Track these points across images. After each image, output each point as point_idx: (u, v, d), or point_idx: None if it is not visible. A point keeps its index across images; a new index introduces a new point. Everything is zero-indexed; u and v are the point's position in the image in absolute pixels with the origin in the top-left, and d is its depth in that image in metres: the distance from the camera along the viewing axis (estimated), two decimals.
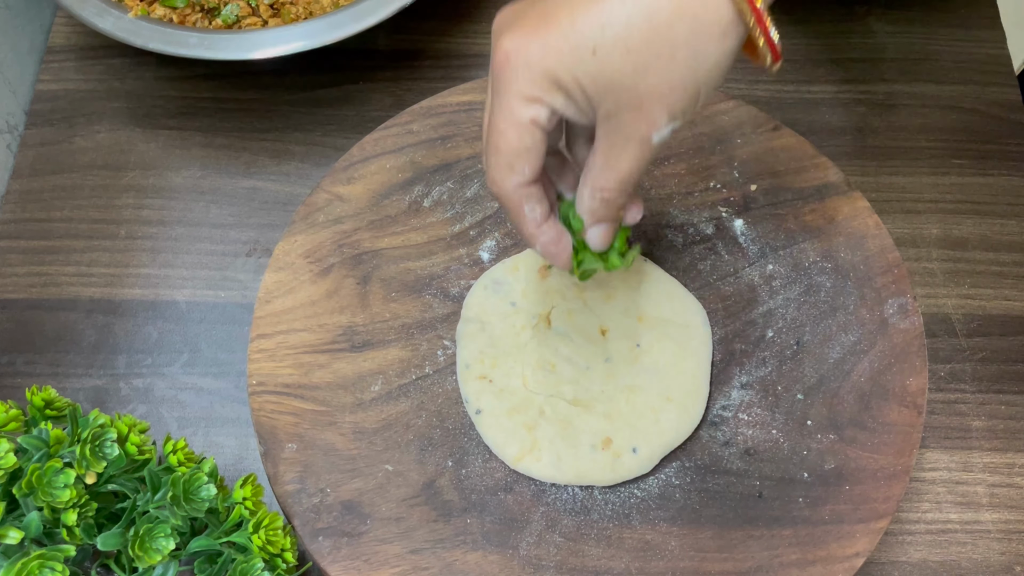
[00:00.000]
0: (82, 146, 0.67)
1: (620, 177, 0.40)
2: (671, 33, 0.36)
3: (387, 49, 0.71)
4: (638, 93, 0.37)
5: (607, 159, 0.40)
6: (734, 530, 0.49)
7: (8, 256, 0.63)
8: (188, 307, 0.62)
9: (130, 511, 0.43)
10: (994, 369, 0.59)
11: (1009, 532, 0.55)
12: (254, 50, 0.60)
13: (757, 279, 0.55)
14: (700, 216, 0.57)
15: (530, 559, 0.48)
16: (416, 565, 0.48)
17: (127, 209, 0.65)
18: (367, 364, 0.53)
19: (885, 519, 0.48)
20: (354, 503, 0.50)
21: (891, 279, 0.54)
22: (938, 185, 0.65)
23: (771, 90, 0.69)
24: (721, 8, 0.36)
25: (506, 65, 0.38)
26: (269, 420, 0.51)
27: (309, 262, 0.56)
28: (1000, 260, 0.63)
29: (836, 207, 0.56)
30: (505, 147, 0.39)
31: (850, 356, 0.53)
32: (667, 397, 0.51)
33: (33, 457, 0.42)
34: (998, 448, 0.57)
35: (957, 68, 0.70)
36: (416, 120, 0.60)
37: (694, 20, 0.36)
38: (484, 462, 0.51)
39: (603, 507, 0.50)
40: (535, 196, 0.42)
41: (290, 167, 0.66)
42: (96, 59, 0.71)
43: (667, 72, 0.37)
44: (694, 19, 0.36)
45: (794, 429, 0.51)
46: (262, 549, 0.43)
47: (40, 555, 0.40)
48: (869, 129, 0.67)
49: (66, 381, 0.59)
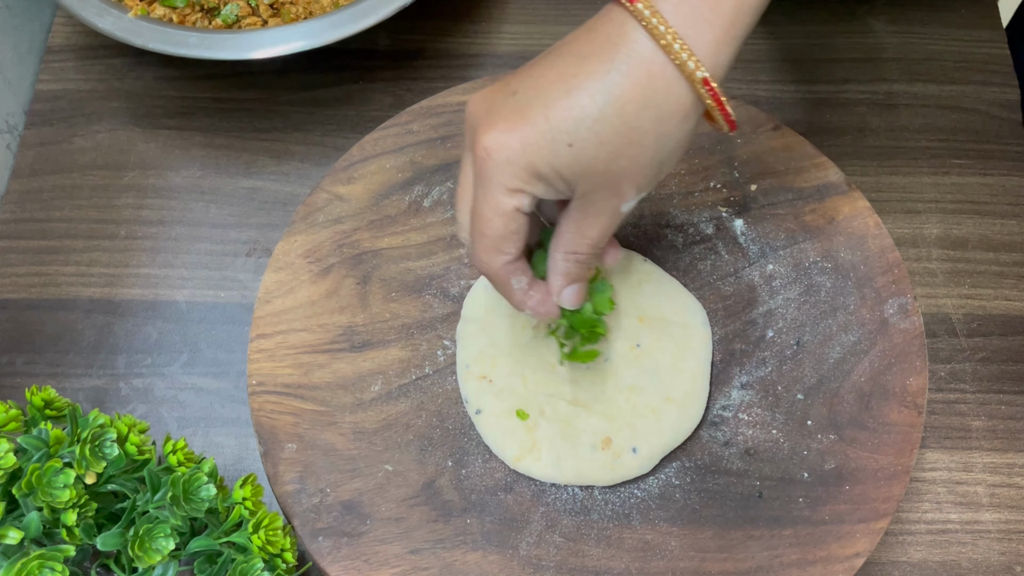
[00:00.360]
0: (82, 146, 0.67)
1: (591, 243, 0.43)
2: (638, 122, 0.39)
3: (387, 49, 0.71)
4: (610, 176, 0.40)
5: (580, 227, 0.43)
6: (734, 530, 0.49)
7: (8, 256, 0.63)
8: (188, 307, 0.62)
9: (130, 511, 0.43)
10: (994, 369, 0.59)
11: (1009, 532, 0.55)
12: (254, 50, 0.60)
13: (757, 279, 0.55)
14: (700, 216, 0.57)
15: (530, 559, 0.48)
16: (416, 565, 0.48)
17: (127, 209, 0.65)
18: (367, 364, 0.53)
19: (885, 519, 0.48)
20: (354, 503, 0.50)
21: (891, 279, 0.54)
22: (938, 185, 0.65)
23: (771, 90, 0.69)
24: (682, 96, 0.39)
25: (488, 160, 0.40)
26: (269, 420, 0.51)
27: (309, 262, 0.56)
28: (1000, 260, 0.63)
29: (836, 207, 0.56)
30: (492, 233, 0.42)
31: (850, 356, 0.53)
32: (667, 397, 0.51)
33: (33, 457, 0.42)
34: (998, 448, 0.57)
35: (957, 68, 0.70)
36: (416, 120, 0.60)
37: (659, 109, 0.39)
38: (484, 462, 0.51)
39: (603, 507, 0.50)
40: (520, 269, 0.45)
41: (290, 167, 0.66)
42: (96, 59, 0.71)
43: (636, 156, 0.40)
44: (658, 108, 0.39)
45: (794, 429, 0.51)
46: (262, 549, 0.43)
47: (40, 555, 0.40)
48: (869, 129, 0.67)
49: (66, 381, 0.59)
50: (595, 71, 0.39)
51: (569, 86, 0.39)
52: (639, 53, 0.38)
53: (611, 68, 0.38)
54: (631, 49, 0.38)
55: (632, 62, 0.38)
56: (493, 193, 0.41)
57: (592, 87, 0.38)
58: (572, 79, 0.39)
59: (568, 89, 0.39)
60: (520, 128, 0.39)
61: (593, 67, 0.39)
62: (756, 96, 0.68)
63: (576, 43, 0.40)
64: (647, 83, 0.38)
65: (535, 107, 0.39)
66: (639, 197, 0.42)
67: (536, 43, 0.71)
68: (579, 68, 0.39)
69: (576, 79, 0.39)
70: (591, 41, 0.39)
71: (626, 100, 0.38)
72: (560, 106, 0.39)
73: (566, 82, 0.39)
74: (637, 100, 0.38)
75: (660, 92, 0.38)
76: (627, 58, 0.38)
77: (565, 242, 0.44)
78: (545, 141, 0.39)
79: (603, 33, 0.39)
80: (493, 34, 0.72)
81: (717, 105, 0.39)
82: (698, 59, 0.38)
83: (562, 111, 0.39)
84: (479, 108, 0.42)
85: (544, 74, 0.40)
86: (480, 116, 0.41)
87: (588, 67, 0.39)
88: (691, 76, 0.38)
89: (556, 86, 0.39)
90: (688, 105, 0.39)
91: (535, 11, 0.73)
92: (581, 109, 0.38)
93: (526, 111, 0.39)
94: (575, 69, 0.39)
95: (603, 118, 0.38)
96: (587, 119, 0.38)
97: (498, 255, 0.43)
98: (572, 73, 0.39)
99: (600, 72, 0.38)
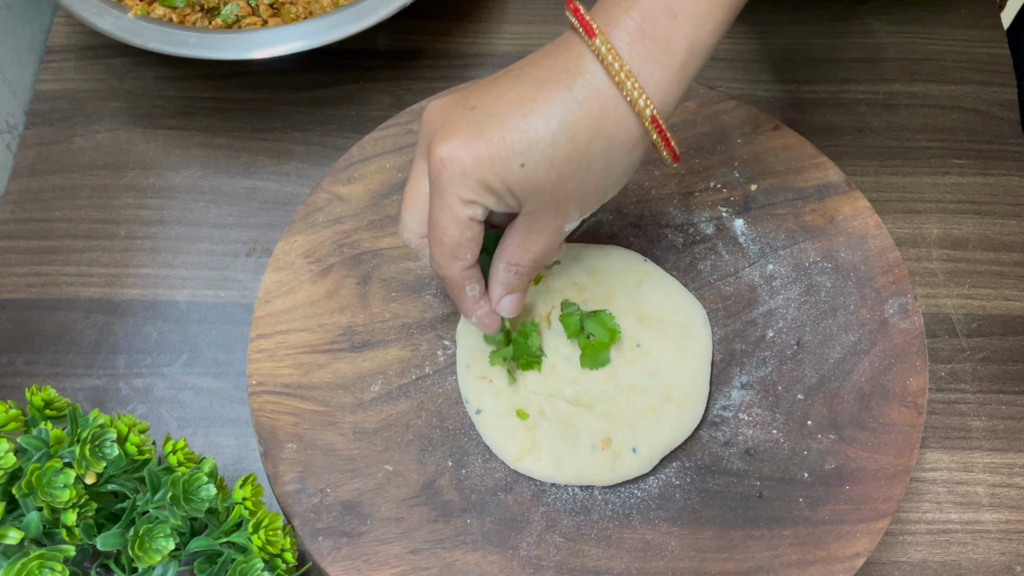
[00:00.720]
0: (82, 146, 0.67)
1: (533, 257, 0.46)
2: (588, 150, 0.41)
3: (387, 49, 0.71)
4: (558, 197, 0.43)
5: (524, 241, 0.45)
6: (734, 530, 0.49)
7: (8, 256, 0.63)
8: (188, 307, 0.62)
9: (130, 511, 0.43)
10: (994, 369, 0.59)
11: (1009, 532, 0.55)
12: (254, 50, 0.60)
13: (757, 279, 0.55)
14: (700, 216, 0.57)
15: (530, 559, 0.48)
16: (416, 565, 0.48)
17: (127, 209, 0.65)
18: (367, 364, 0.53)
19: (885, 519, 0.48)
20: (354, 503, 0.50)
21: (891, 279, 0.54)
22: (938, 185, 0.65)
23: (771, 90, 0.69)
24: (631, 129, 0.41)
25: (442, 171, 0.42)
26: (269, 420, 0.51)
27: (309, 262, 0.56)
28: (1000, 260, 0.63)
29: (836, 207, 0.56)
30: (448, 240, 0.44)
31: (850, 356, 0.53)
32: (667, 397, 0.51)
33: (33, 457, 0.42)
34: (998, 448, 0.57)
35: (957, 68, 0.70)
36: (416, 120, 0.60)
37: (608, 139, 0.41)
38: (484, 462, 0.51)
39: (603, 507, 0.50)
40: (475, 277, 0.47)
41: (290, 167, 0.66)
42: (96, 59, 0.71)
43: (583, 181, 0.42)
44: (609, 139, 0.41)
45: (794, 429, 0.51)
46: (262, 549, 0.43)
47: (40, 555, 0.40)
48: (869, 129, 0.67)
49: (66, 381, 0.59)
50: (552, 97, 0.40)
51: (526, 109, 0.41)
52: (594, 85, 0.40)
53: (567, 96, 0.40)
54: (587, 80, 0.40)
55: (587, 92, 0.40)
56: (448, 202, 0.42)
57: (548, 112, 0.40)
58: (530, 103, 0.41)
59: (525, 112, 0.41)
60: (475, 143, 0.41)
61: (550, 93, 0.41)
62: (756, 96, 0.68)
63: (535, 67, 0.42)
64: (600, 114, 0.40)
65: (492, 125, 0.41)
66: (581, 219, 0.45)
67: (536, 43, 0.71)
68: (537, 93, 0.41)
69: (534, 103, 0.41)
70: (551, 67, 0.41)
71: (579, 128, 0.40)
72: (516, 127, 0.41)
73: (523, 105, 0.41)
74: (589, 129, 0.40)
75: (611, 123, 0.41)
76: (583, 88, 0.40)
77: (508, 254, 0.46)
78: (499, 159, 0.41)
79: (562, 61, 0.41)
80: (493, 34, 0.72)
81: (663, 141, 0.42)
82: (647, 97, 0.40)
83: (518, 132, 0.40)
84: (436, 116, 0.44)
85: (504, 94, 0.42)
86: (436, 125, 0.43)
87: (545, 92, 0.41)
88: (641, 113, 0.40)
89: (514, 107, 0.41)
90: (636, 138, 0.41)
91: (535, 11, 0.73)
92: (536, 132, 0.40)
93: (483, 127, 0.41)
94: (533, 93, 0.41)
95: (556, 143, 0.40)
96: (540, 142, 0.40)
97: (455, 261, 0.45)
98: (530, 97, 0.41)
99: (557, 99, 0.40)
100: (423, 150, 0.44)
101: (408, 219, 0.47)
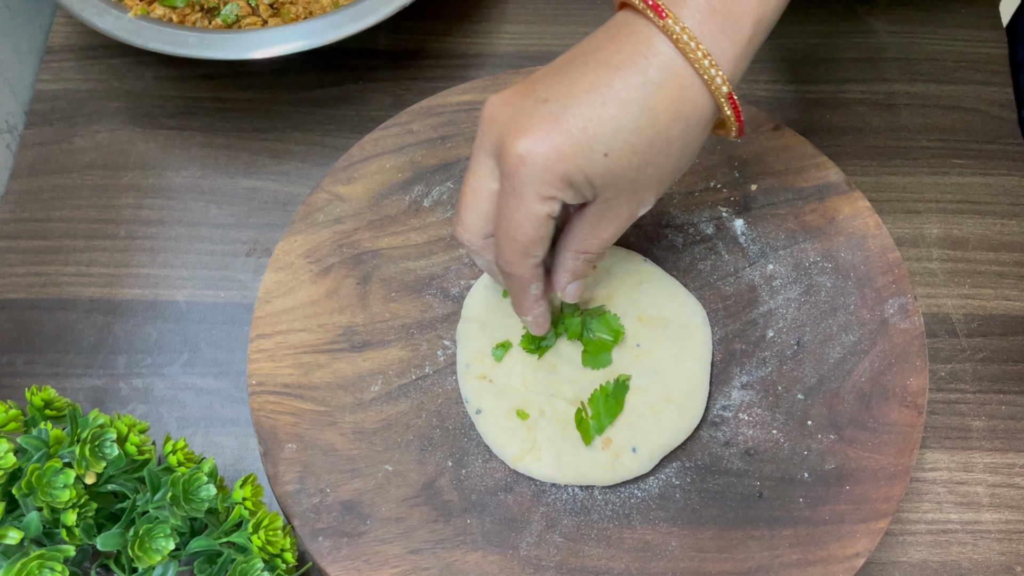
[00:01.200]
0: (82, 146, 0.67)
1: (602, 243, 0.45)
2: (668, 132, 0.41)
3: (387, 49, 0.71)
4: (637, 183, 0.42)
5: (595, 229, 0.44)
6: (734, 530, 0.49)
7: (8, 256, 0.63)
8: (188, 307, 0.62)
9: (130, 511, 0.43)
10: (994, 369, 0.59)
11: (1009, 532, 0.55)
12: (254, 50, 0.60)
13: (757, 279, 0.55)
14: (700, 216, 0.57)
15: (530, 559, 0.48)
16: (416, 565, 0.48)
17: (127, 209, 0.65)
18: (367, 364, 0.53)
19: (885, 519, 0.48)
20: (354, 503, 0.50)
21: (891, 279, 0.54)
22: (938, 185, 0.65)
23: (771, 90, 0.69)
24: (706, 106, 0.41)
25: (521, 167, 0.41)
26: (269, 420, 0.51)
27: (309, 262, 0.56)
28: (1000, 260, 0.63)
29: (836, 207, 0.56)
30: (523, 238, 0.43)
31: (850, 356, 0.53)
32: (667, 397, 0.51)
33: (33, 457, 0.42)
34: (998, 448, 0.57)
35: (957, 68, 0.70)
36: (416, 120, 0.60)
37: (687, 120, 0.41)
38: (484, 462, 0.51)
39: (603, 507, 0.50)
40: (540, 275, 0.46)
41: (290, 167, 0.66)
42: (96, 59, 0.71)
43: (663, 164, 0.42)
44: (687, 119, 0.41)
45: (794, 429, 0.51)
46: (262, 549, 0.43)
47: (40, 555, 0.40)
48: (869, 129, 0.67)
49: (66, 381, 0.59)
50: (629, 83, 0.40)
51: (605, 97, 0.40)
52: (668, 66, 0.40)
53: (645, 80, 0.40)
54: (661, 62, 0.40)
55: (664, 75, 0.40)
56: (526, 200, 0.41)
57: (628, 98, 0.40)
58: (607, 89, 0.40)
59: (604, 100, 0.40)
60: (554, 136, 0.40)
61: (626, 78, 0.40)
62: (756, 96, 0.68)
63: (602, 52, 0.41)
64: (678, 95, 0.40)
65: (569, 116, 0.40)
66: (654, 203, 0.45)
67: (536, 43, 0.71)
68: (612, 79, 0.40)
69: (611, 90, 0.40)
70: (619, 52, 0.40)
71: (659, 111, 0.40)
72: (597, 116, 0.40)
73: (601, 92, 0.40)
74: (668, 111, 0.40)
75: (688, 104, 0.40)
76: (658, 71, 0.40)
77: (577, 241, 0.45)
78: (581, 150, 0.40)
79: (630, 44, 0.40)
80: (493, 34, 0.72)
81: (735, 117, 0.41)
82: (723, 74, 0.40)
83: (599, 121, 0.40)
84: (502, 112, 0.42)
85: (575, 83, 0.41)
86: (507, 122, 0.42)
87: (621, 78, 0.40)
88: (717, 90, 0.40)
89: (591, 96, 0.40)
90: (709, 115, 0.41)
91: (535, 11, 0.73)
92: (618, 120, 0.40)
93: (560, 119, 0.40)
94: (608, 79, 0.40)
95: (639, 128, 0.40)
96: (624, 129, 0.40)
97: (526, 259, 0.44)
98: (606, 83, 0.40)
99: (634, 84, 0.40)
100: (488, 147, 0.43)
101: (471, 219, 0.45)
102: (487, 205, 0.44)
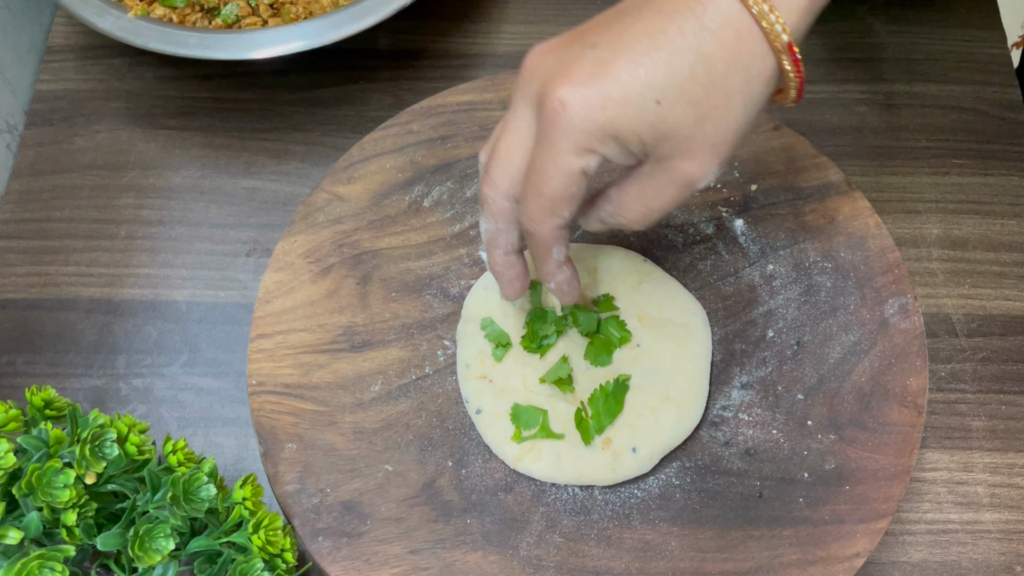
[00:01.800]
0: (82, 146, 0.67)
1: (647, 212, 0.41)
2: (727, 83, 0.37)
3: (387, 49, 0.71)
4: (694, 141, 0.38)
5: (642, 193, 0.41)
6: (734, 530, 0.49)
7: (8, 256, 0.63)
8: (188, 307, 0.62)
9: (130, 511, 0.43)
10: (994, 369, 0.59)
11: (1009, 532, 0.55)
12: (254, 50, 0.60)
13: (757, 279, 0.55)
14: (700, 216, 0.57)
15: (530, 559, 0.48)
16: (416, 565, 0.48)
17: (127, 209, 0.65)
18: (367, 364, 0.53)
19: (885, 519, 0.48)
20: (354, 503, 0.50)
21: (891, 279, 0.54)
22: (938, 185, 0.65)
23: None
24: (766, 57, 0.38)
25: (561, 113, 0.38)
26: (269, 420, 0.51)
27: (309, 262, 0.56)
28: (1000, 260, 0.63)
29: (836, 207, 0.56)
30: (551, 193, 0.40)
31: (850, 356, 0.53)
32: (667, 397, 0.51)
33: (33, 457, 0.42)
34: (999, 448, 0.57)
35: (957, 68, 0.70)
36: (416, 120, 0.60)
37: (746, 70, 0.38)
38: (484, 462, 0.51)
39: (603, 507, 0.50)
40: (564, 239, 0.43)
41: (290, 167, 0.66)
42: (96, 59, 0.71)
43: (723, 120, 0.38)
44: (747, 70, 0.37)
45: (794, 429, 0.51)
46: (262, 549, 0.43)
47: (40, 555, 0.40)
48: (869, 129, 0.67)
49: (66, 381, 0.59)
50: (683, 29, 0.37)
51: (658, 42, 0.37)
52: (725, 12, 0.37)
53: (700, 26, 0.37)
54: (718, 8, 0.37)
55: (719, 21, 0.37)
56: (561, 150, 0.38)
57: (682, 44, 0.37)
58: (660, 35, 0.37)
59: (658, 45, 0.37)
60: (602, 81, 0.37)
61: (680, 24, 0.37)
62: None
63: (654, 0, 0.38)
64: (735, 42, 0.37)
65: (620, 60, 0.37)
66: (716, 174, 0.40)
67: (536, 43, 0.71)
68: (666, 25, 0.37)
69: (664, 36, 0.37)
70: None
71: (716, 59, 0.37)
72: (651, 61, 0.37)
73: (654, 38, 0.37)
74: (726, 60, 0.37)
75: (747, 52, 0.37)
76: (714, 17, 0.37)
77: (619, 201, 0.42)
78: (632, 97, 0.37)
79: None
80: (493, 34, 0.72)
81: (796, 72, 0.38)
82: (785, 24, 0.37)
83: (652, 67, 0.37)
84: (546, 59, 0.39)
85: (627, 28, 0.38)
86: (551, 68, 0.39)
87: (675, 24, 0.37)
88: (777, 38, 0.37)
89: (644, 41, 0.37)
90: (771, 68, 0.38)
91: (535, 11, 0.73)
92: (672, 65, 0.37)
93: (610, 64, 0.37)
94: (662, 25, 0.37)
95: (694, 76, 0.37)
96: (678, 76, 0.37)
97: (551, 217, 0.41)
98: (660, 29, 0.37)
99: (689, 30, 0.37)
100: (528, 97, 0.39)
101: (499, 176, 0.41)
102: (520, 163, 0.41)
